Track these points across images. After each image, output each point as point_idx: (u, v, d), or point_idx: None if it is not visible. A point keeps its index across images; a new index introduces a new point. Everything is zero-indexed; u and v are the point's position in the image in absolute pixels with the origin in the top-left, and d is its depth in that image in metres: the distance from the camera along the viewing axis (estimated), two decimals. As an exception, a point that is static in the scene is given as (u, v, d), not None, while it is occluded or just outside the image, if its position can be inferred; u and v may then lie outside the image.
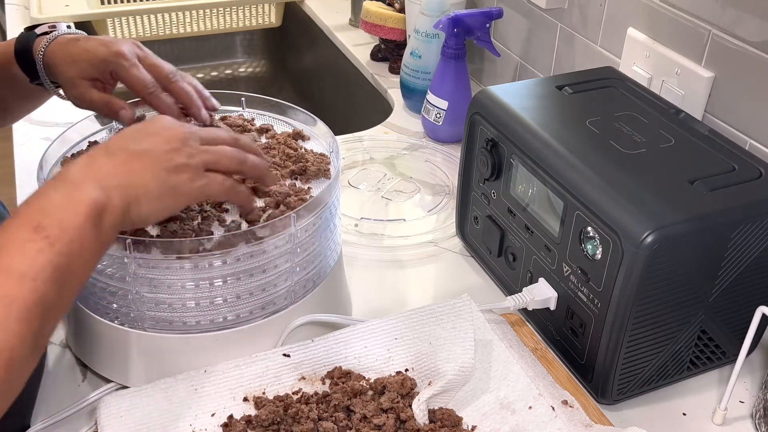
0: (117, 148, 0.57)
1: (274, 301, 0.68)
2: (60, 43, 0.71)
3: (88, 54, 0.70)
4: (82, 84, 0.70)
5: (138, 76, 0.69)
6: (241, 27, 1.64)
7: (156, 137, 0.58)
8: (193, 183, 0.58)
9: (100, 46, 0.70)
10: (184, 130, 0.60)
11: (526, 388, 0.65)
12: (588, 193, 0.66)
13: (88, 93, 0.71)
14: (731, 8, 0.79)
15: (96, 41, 0.71)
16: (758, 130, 0.80)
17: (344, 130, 1.15)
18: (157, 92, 0.70)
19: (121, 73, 0.69)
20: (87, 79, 0.70)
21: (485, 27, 1.06)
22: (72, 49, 0.71)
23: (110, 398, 0.63)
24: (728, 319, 0.70)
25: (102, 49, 0.69)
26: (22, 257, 0.48)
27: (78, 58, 0.70)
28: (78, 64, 0.70)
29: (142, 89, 0.70)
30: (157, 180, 0.57)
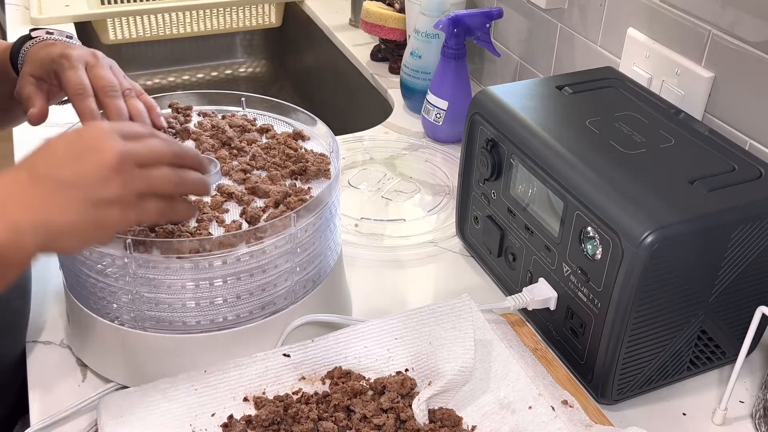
0: (43, 174, 0.52)
1: (274, 301, 0.68)
2: (38, 46, 0.71)
3: (43, 54, 0.69)
4: (25, 78, 0.69)
5: (71, 78, 0.66)
6: (241, 27, 1.64)
7: (87, 162, 0.53)
8: (123, 216, 0.54)
9: (56, 49, 0.69)
10: (119, 150, 0.53)
11: (526, 388, 0.65)
12: (588, 193, 0.66)
13: (24, 87, 0.69)
14: (731, 8, 0.79)
15: (61, 45, 0.70)
16: (758, 130, 0.80)
17: (344, 130, 1.15)
18: (84, 96, 0.66)
19: (59, 72, 0.67)
20: (34, 76, 0.69)
21: (485, 27, 1.06)
22: (38, 50, 0.70)
23: (110, 398, 0.63)
24: (728, 319, 0.70)
25: (55, 51, 0.68)
26: None
27: (35, 57, 0.70)
28: (32, 63, 0.70)
29: (70, 90, 0.66)
30: (83, 215, 0.52)
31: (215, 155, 0.72)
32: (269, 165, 0.73)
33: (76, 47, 0.70)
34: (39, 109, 0.69)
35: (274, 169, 0.72)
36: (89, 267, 0.64)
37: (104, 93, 0.67)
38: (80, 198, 0.52)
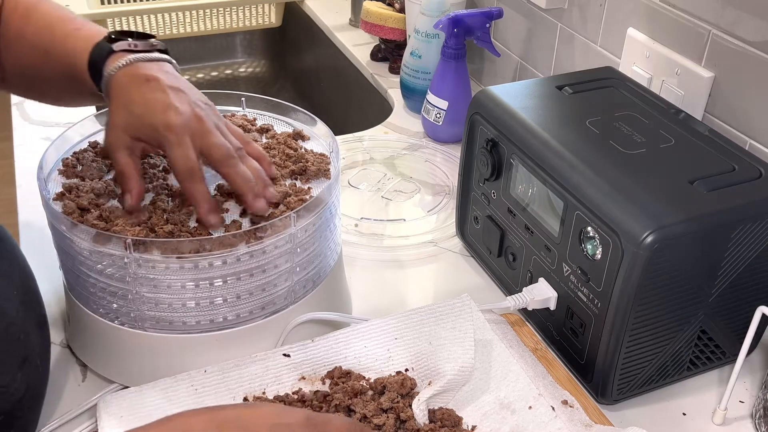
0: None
1: (274, 301, 0.68)
2: (129, 75, 0.65)
3: (143, 111, 0.63)
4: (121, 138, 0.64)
5: (178, 158, 0.62)
6: (241, 27, 1.64)
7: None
8: None
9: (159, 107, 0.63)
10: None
11: (526, 388, 0.65)
12: (588, 193, 0.66)
13: (118, 151, 0.64)
14: (731, 8, 0.79)
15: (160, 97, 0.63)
16: (758, 130, 0.80)
17: (344, 130, 1.15)
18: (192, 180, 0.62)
19: (165, 148, 0.63)
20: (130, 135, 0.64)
21: (485, 27, 1.06)
22: (133, 95, 0.64)
23: (110, 398, 0.63)
24: (728, 319, 0.70)
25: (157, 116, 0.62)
26: None
27: (132, 109, 0.64)
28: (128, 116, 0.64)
29: (177, 174, 0.63)
30: None
31: None
32: None
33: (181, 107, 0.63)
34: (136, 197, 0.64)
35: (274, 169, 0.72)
36: (89, 267, 0.64)
37: (222, 165, 0.63)
38: None
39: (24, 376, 0.60)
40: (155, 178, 0.69)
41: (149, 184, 0.69)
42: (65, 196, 0.66)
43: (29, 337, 0.63)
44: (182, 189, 0.64)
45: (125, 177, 0.64)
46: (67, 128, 0.74)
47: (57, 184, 0.69)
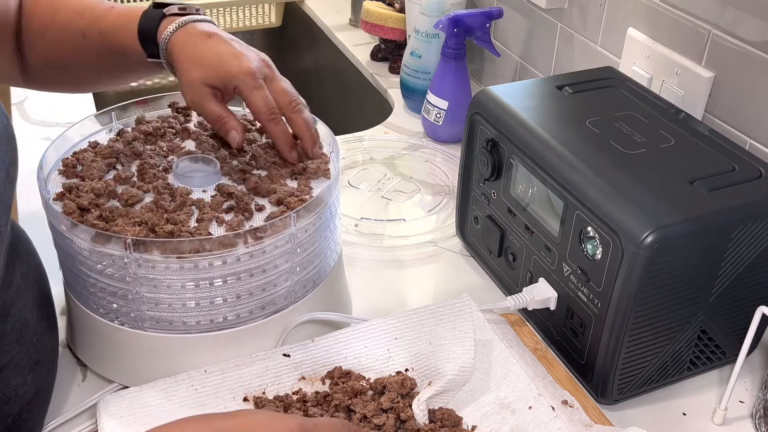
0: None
1: (274, 301, 0.68)
2: (189, 35, 0.68)
3: (217, 62, 0.67)
4: (202, 90, 0.68)
5: (261, 100, 0.67)
6: (241, 27, 1.64)
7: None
8: None
9: (231, 56, 0.67)
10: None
11: (526, 388, 0.65)
12: (588, 193, 0.66)
13: (207, 102, 0.68)
14: (731, 8, 0.79)
15: (228, 49, 0.68)
16: (758, 130, 0.80)
17: (344, 130, 1.15)
18: (277, 119, 0.68)
19: (244, 92, 0.67)
20: (208, 85, 0.68)
21: (485, 27, 1.06)
22: (201, 49, 0.68)
23: (110, 398, 0.63)
24: (728, 319, 0.70)
25: (233, 62, 0.67)
26: None
27: (205, 62, 0.67)
28: (204, 69, 0.67)
29: (264, 113, 0.68)
30: None
31: (215, 155, 0.72)
32: (269, 165, 0.73)
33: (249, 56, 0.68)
34: (239, 132, 0.69)
35: (274, 169, 0.72)
36: (89, 267, 0.64)
37: (291, 109, 0.69)
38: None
39: (34, 378, 0.61)
40: (155, 178, 0.69)
41: (149, 184, 0.69)
42: (65, 196, 0.66)
43: (42, 340, 0.63)
44: (265, 129, 0.69)
45: (223, 120, 0.69)
46: (67, 128, 0.74)
47: (57, 184, 0.69)
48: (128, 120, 0.78)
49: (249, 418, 0.52)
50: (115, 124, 0.77)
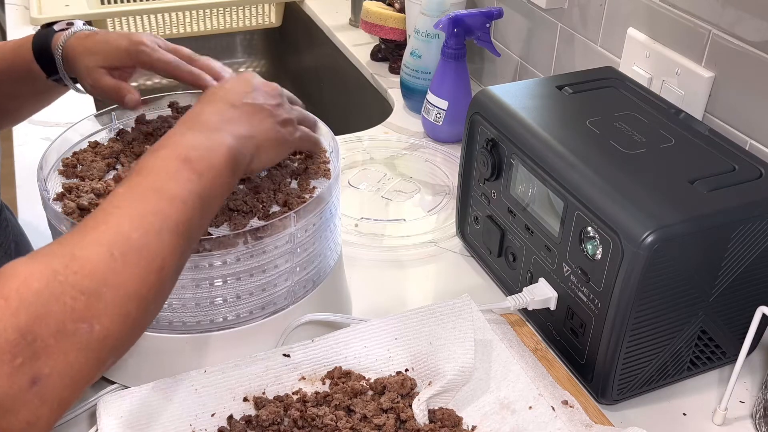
0: (240, 102, 0.62)
1: (274, 301, 0.68)
2: (79, 38, 0.73)
3: (108, 45, 0.71)
4: (98, 72, 0.71)
5: (162, 57, 0.71)
6: (241, 27, 1.64)
7: (260, 92, 0.64)
8: (293, 135, 0.66)
9: (119, 38, 0.72)
10: (277, 86, 0.67)
11: (526, 388, 0.65)
12: (588, 193, 0.66)
13: (102, 79, 0.72)
14: (731, 8, 0.79)
15: (115, 34, 0.73)
16: (758, 130, 0.80)
17: (344, 130, 1.15)
18: (182, 65, 0.72)
19: (144, 58, 0.71)
20: (104, 67, 0.71)
21: (485, 27, 1.06)
22: (90, 42, 0.72)
23: (110, 398, 0.63)
24: (728, 319, 0.70)
25: (122, 41, 0.71)
26: (174, 182, 0.53)
27: (96, 49, 0.71)
28: (96, 54, 0.71)
29: (169, 67, 0.71)
30: (274, 131, 0.63)
31: None
32: None
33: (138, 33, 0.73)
34: (134, 94, 0.72)
35: (274, 168, 0.72)
36: (89, 267, 0.63)
37: (191, 59, 0.74)
38: (269, 117, 0.63)
39: None
40: None
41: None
42: (65, 196, 0.66)
43: None
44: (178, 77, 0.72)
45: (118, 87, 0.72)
46: (67, 128, 0.74)
47: (57, 184, 0.69)
48: (128, 120, 0.78)
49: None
50: (115, 124, 0.77)
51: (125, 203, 0.51)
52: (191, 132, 0.58)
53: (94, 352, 0.46)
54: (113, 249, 0.48)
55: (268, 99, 0.64)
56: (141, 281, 0.48)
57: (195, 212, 0.53)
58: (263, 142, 0.62)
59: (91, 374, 0.46)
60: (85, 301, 0.45)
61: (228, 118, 0.60)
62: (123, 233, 0.49)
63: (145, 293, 0.49)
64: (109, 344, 0.47)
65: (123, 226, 0.49)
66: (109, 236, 0.48)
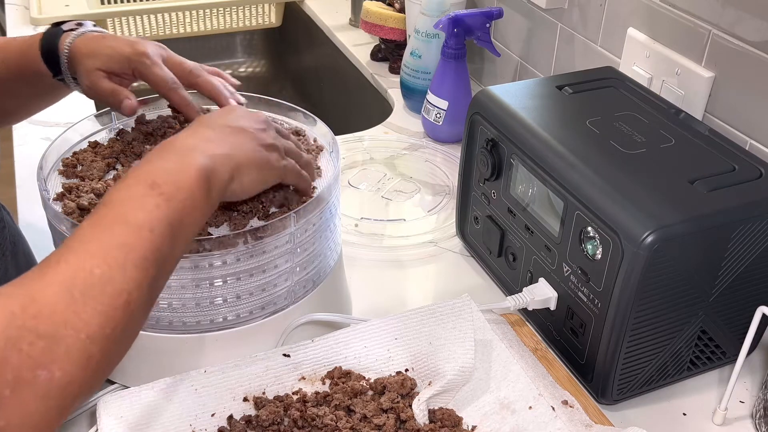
0: (217, 124, 0.60)
1: (274, 301, 0.68)
2: (85, 39, 0.72)
3: (112, 50, 0.71)
4: (96, 74, 0.71)
5: (159, 74, 0.70)
6: (241, 27, 1.64)
7: (245, 118, 0.63)
8: (279, 162, 0.63)
9: (124, 44, 0.71)
10: (265, 115, 0.65)
11: (526, 388, 0.65)
12: (588, 193, 0.66)
13: (100, 82, 0.71)
14: (731, 8, 0.79)
15: (122, 40, 0.72)
16: (758, 130, 0.80)
17: (344, 130, 1.15)
18: (178, 88, 0.71)
19: (143, 70, 0.70)
20: (104, 71, 0.71)
21: (485, 27, 1.06)
22: (95, 45, 0.71)
23: (110, 398, 0.63)
24: (728, 319, 0.70)
25: (126, 48, 0.70)
26: (140, 210, 0.50)
27: (99, 53, 0.71)
28: (98, 58, 0.71)
29: (163, 85, 0.70)
30: (256, 153, 0.60)
31: None
32: None
33: (143, 42, 0.72)
34: (132, 99, 0.72)
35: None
36: (89, 267, 0.63)
37: (192, 75, 0.72)
38: (251, 138, 0.61)
39: None
40: None
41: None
42: (65, 196, 0.66)
43: None
44: (169, 99, 0.72)
45: (115, 92, 0.71)
46: (67, 128, 0.74)
47: (57, 184, 0.69)
48: (128, 120, 0.78)
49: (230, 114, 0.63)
50: (115, 124, 0.77)
51: (89, 237, 0.48)
52: (162, 157, 0.55)
53: (56, 399, 0.43)
54: (74, 288, 0.45)
55: (252, 123, 0.62)
56: (105, 320, 0.45)
57: (164, 240, 0.50)
58: (243, 162, 0.59)
59: (53, 423, 0.43)
60: (43, 346, 0.42)
61: (204, 138, 0.58)
62: (85, 270, 0.46)
63: (109, 333, 0.46)
64: (72, 390, 0.44)
65: (85, 262, 0.46)
66: (69, 274, 0.46)
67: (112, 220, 0.49)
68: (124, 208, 0.50)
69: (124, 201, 0.51)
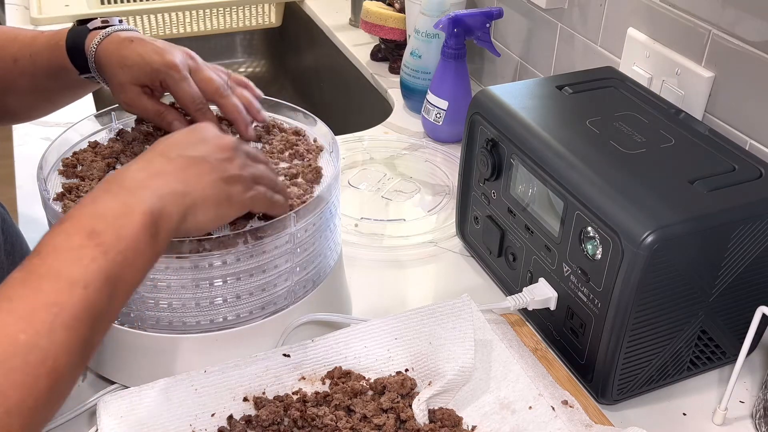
0: (175, 154, 0.56)
1: (274, 301, 0.68)
2: (113, 42, 0.70)
3: (141, 60, 0.69)
4: (132, 90, 0.70)
5: (187, 91, 0.69)
6: (241, 27, 1.64)
7: (208, 144, 0.58)
8: (244, 194, 0.59)
9: (153, 53, 0.69)
10: (234, 141, 0.60)
11: (526, 388, 0.65)
12: (588, 193, 0.66)
13: (140, 100, 0.70)
14: (731, 8, 0.79)
15: (150, 47, 0.70)
16: (758, 130, 0.80)
17: (344, 130, 1.15)
18: (204, 109, 0.70)
19: (171, 85, 0.69)
20: (137, 84, 0.70)
21: (485, 27, 1.06)
22: (125, 52, 0.70)
23: (110, 398, 0.63)
24: (728, 319, 0.70)
25: (155, 58, 0.69)
26: (75, 264, 0.47)
27: (129, 62, 0.69)
28: (129, 69, 0.69)
29: (190, 104, 0.69)
30: (214, 188, 0.56)
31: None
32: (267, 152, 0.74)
33: (172, 50, 0.70)
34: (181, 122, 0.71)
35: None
36: (89, 267, 0.63)
37: (219, 95, 0.71)
38: (210, 171, 0.57)
39: None
40: None
41: None
42: (65, 196, 0.66)
43: None
44: (193, 117, 0.70)
45: (162, 114, 0.71)
46: (67, 128, 0.74)
47: (57, 184, 0.69)
48: (128, 120, 0.78)
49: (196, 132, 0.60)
50: (115, 124, 0.77)
51: (17, 295, 0.45)
52: (106, 195, 0.52)
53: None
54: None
55: (215, 152, 0.58)
56: (26, 392, 0.43)
57: (101, 295, 0.47)
58: (199, 199, 0.55)
59: None
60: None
61: (156, 172, 0.54)
62: (8, 335, 0.43)
63: (31, 404, 0.43)
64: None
65: (9, 326, 0.43)
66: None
67: (44, 274, 0.46)
68: (58, 260, 0.47)
69: (59, 251, 0.47)
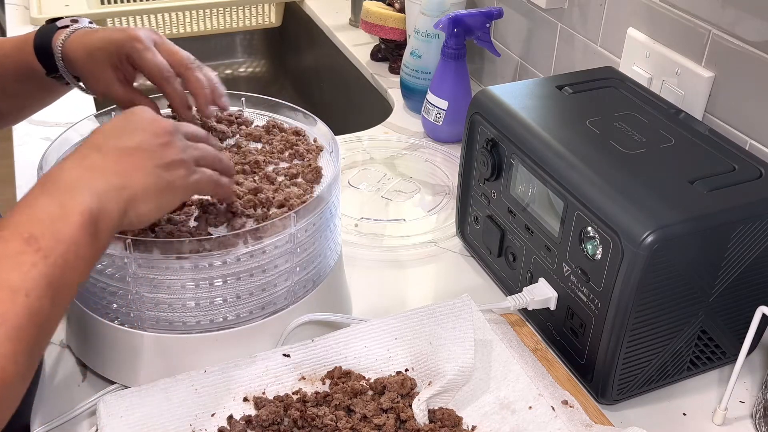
0: (108, 146, 0.55)
1: (274, 301, 0.68)
2: (78, 35, 0.71)
3: (104, 42, 0.69)
4: (105, 77, 0.70)
5: (153, 61, 0.68)
6: (241, 27, 1.64)
7: (144, 132, 0.56)
8: (187, 178, 0.58)
9: (116, 32, 0.69)
10: (170, 123, 0.58)
11: (526, 388, 0.65)
12: (588, 193, 0.66)
13: (113, 88, 0.70)
14: (731, 8, 0.79)
15: (112, 29, 0.71)
16: (758, 130, 0.80)
17: (344, 130, 1.15)
18: (170, 78, 0.69)
19: (135, 57, 0.68)
20: (108, 69, 0.69)
21: (485, 27, 1.06)
22: (89, 40, 0.70)
23: (110, 398, 0.63)
24: (728, 318, 0.70)
25: (118, 35, 0.69)
26: (14, 271, 0.46)
27: (95, 47, 0.69)
28: (96, 53, 0.69)
29: (157, 74, 0.68)
30: (153, 177, 0.55)
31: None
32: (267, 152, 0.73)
33: (135, 28, 0.70)
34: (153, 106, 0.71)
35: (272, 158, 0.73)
36: (89, 267, 0.63)
37: (184, 67, 0.70)
38: (148, 159, 0.55)
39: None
40: None
41: None
42: (65, 196, 0.66)
43: None
44: (159, 89, 0.69)
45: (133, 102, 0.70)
46: (67, 128, 0.74)
47: (57, 184, 0.68)
48: (128, 120, 0.78)
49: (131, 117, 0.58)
50: (114, 123, 0.77)
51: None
52: (42, 197, 0.50)
53: None
54: None
55: (151, 139, 0.56)
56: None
57: (43, 301, 0.46)
58: (139, 192, 0.54)
59: None
60: None
61: (91, 167, 0.53)
62: None
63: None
64: None
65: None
66: None
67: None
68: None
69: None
